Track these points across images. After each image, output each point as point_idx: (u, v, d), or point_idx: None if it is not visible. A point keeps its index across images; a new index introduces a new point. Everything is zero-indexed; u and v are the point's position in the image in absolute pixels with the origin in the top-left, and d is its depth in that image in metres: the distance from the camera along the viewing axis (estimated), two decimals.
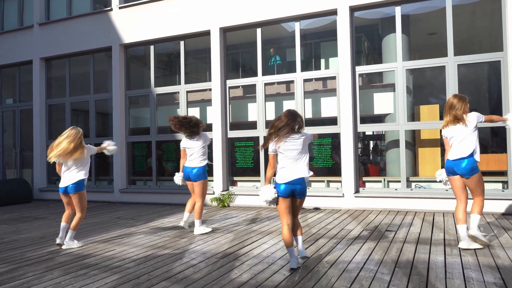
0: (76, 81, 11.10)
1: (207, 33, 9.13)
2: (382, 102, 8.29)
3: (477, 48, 8.36)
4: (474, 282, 3.43)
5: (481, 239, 4.47)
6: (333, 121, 8.13)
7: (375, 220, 6.40)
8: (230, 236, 5.54)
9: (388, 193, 7.53)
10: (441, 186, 7.10)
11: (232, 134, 8.99)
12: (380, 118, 8.46)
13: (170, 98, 10.09)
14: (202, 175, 5.79)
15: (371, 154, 11.38)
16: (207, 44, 9.15)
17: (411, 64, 7.65)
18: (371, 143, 11.85)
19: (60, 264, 4.40)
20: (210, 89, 9.18)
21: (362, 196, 7.63)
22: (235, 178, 9.10)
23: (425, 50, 9.34)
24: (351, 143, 7.72)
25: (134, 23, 9.88)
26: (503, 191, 6.90)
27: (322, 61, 9.30)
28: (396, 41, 7.68)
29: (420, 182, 7.66)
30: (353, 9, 7.92)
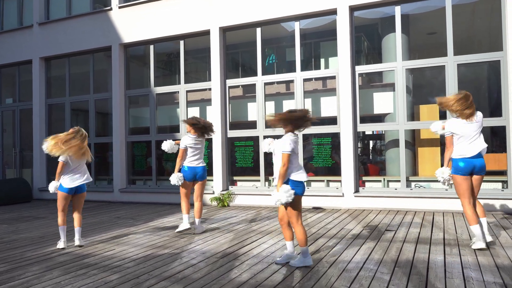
0: (76, 81, 11.10)
1: (207, 33, 9.13)
2: (382, 102, 8.29)
3: (477, 48, 8.36)
4: (474, 282, 3.43)
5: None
6: (333, 121, 8.13)
7: (375, 220, 6.40)
8: (230, 236, 5.54)
9: (388, 193, 7.54)
10: (441, 186, 7.10)
11: (232, 134, 8.99)
12: (380, 118, 8.46)
13: (170, 98, 10.08)
14: (206, 174, 5.95)
15: (371, 154, 11.37)
16: (207, 44, 9.15)
17: (411, 64, 7.65)
18: (371, 143, 11.83)
19: (60, 264, 4.40)
20: (210, 89, 9.18)
21: (362, 196, 7.64)
22: (235, 178, 9.11)
23: (425, 50, 9.33)
24: (351, 143, 7.72)
25: (134, 23, 9.88)
26: (503, 191, 6.91)
27: (322, 61, 9.29)
28: (396, 41, 7.68)
29: (420, 182, 7.66)
30: (353, 9, 7.93)
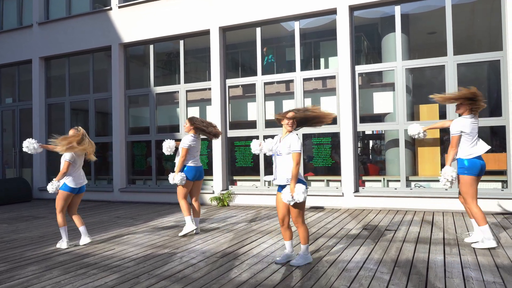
0: (76, 81, 11.09)
1: (207, 33, 9.13)
2: (382, 102, 8.29)
3: (477, 48, 8.35)
4: (474, 281, 3.43)
5: None
6: (333, 121, 8.11)
7: (375, 220, 6.40)
8: (230, 236, 5.54)
9: (388, 193, 7.54)
10: (441, 186, 7.08)
11: (232, 134, 8.99)
12: (380, 118, 8.45)
13: (170, 98, 10.08)
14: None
15: (371, 154, 11.36)
16: (207, 44, 9.15)
17: (411, 64, 7.65)
18: (371, 143, 11.82)
19: (60, 263, 4.40)
20: (210, 89, 9.18)
21: (362, 196, 7.64)
22: (235, 178, 9.11)
23: (425, 50, 9.32)
24: (351, 143, 7.73)
25: (134, 22, 9.87)
26: (503, 191, 6.91)
27: (322, 61, 9.29)
28: (396, 41, 7.68)
29: (420, 182, 7.66)
30: (353, 9, 7.93)
